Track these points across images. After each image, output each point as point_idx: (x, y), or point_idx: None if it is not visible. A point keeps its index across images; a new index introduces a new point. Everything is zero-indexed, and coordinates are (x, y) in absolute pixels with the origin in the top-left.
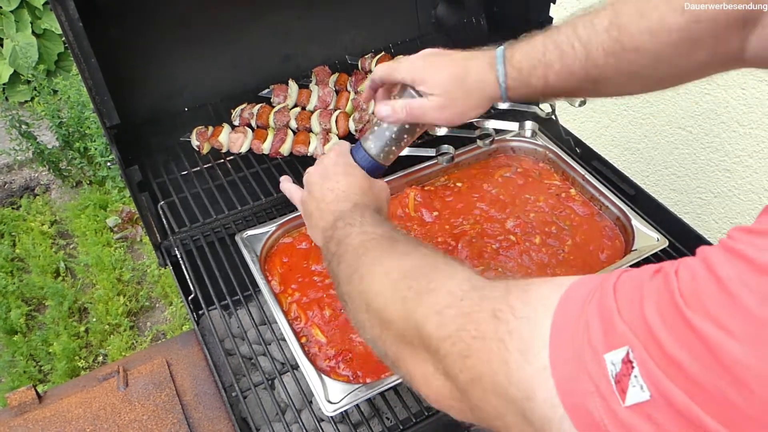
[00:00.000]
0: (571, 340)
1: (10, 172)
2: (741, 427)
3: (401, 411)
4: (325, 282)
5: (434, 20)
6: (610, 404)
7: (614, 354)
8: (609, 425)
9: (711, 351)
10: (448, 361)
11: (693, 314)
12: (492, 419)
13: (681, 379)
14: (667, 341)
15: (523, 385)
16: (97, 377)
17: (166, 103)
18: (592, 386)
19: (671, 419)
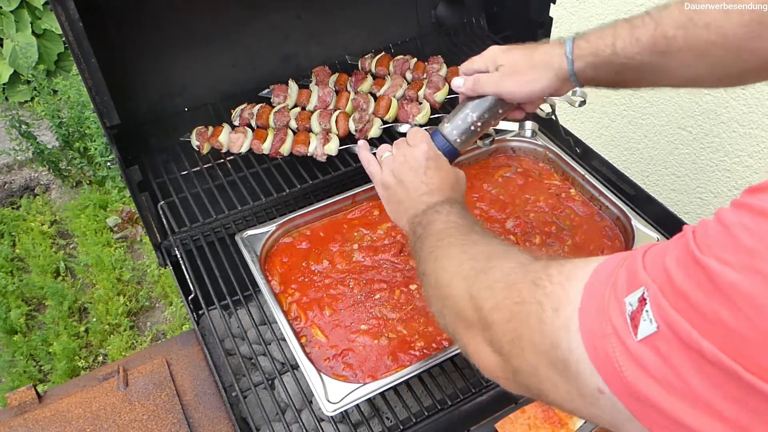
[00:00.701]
0: (599, 297)
1: (10, 172)
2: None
3: (401, 411)
4: (324, 282)
5: (434, 20)
6: (624, 341)
7: (632, 296)
8: (621, 359)
9: (712, 281)
10: (494, 329)
11: (702, 255)
12: (529, 377)
13: (685, 308)
14: (678, 278)
15: (552, 336)
16: (97, 377)
17: (166, 103)
18: (611, 328)
19: (673, 347)
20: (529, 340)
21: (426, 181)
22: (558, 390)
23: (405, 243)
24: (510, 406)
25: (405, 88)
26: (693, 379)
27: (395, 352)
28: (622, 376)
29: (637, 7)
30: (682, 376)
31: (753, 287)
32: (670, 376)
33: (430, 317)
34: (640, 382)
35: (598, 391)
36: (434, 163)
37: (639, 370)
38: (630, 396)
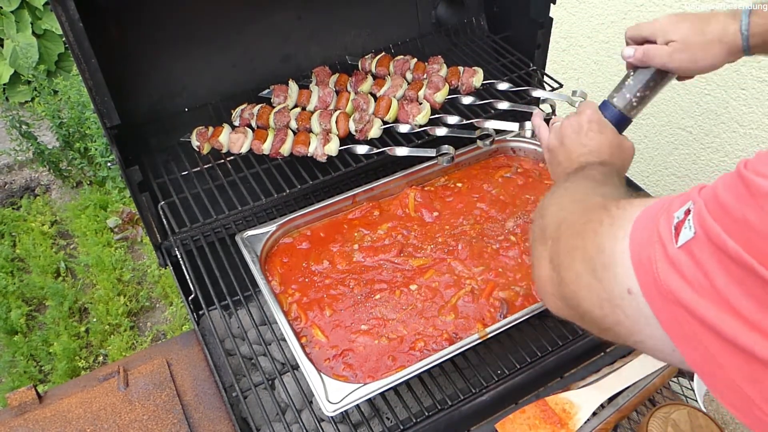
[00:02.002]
0: (653, 215)
1: (11, 173)
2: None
3: (401, 411)
4: (325, 282)
5: (434, 20)
6: (666, 246)
7: (680, 210)
8: (659, 263)
9: (748, 189)
10: (560, 243)
11: (747, 172)
12: (570, 284)
13: (720, 214)
14: (721, 191)
15: (600, 242)
16: (98, 377)
17: (166, 104)
18: (656, 236)
19: (705, 250)
20: (582, 248)
21: (585, 142)
22: (591, 295)
23: (405, 243)
24: (510, 406)
25: (405, 89)
26: (717, 277)
27: (395, 352)
28: (657, 277)
29: (637, 7)
30: (709, 275)
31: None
32: (699, 276)
33: (430, 318)
34: (672, 282)
35: (627, 291)
36: (596, 126)
37: (673, 272)
38: (659, 295)
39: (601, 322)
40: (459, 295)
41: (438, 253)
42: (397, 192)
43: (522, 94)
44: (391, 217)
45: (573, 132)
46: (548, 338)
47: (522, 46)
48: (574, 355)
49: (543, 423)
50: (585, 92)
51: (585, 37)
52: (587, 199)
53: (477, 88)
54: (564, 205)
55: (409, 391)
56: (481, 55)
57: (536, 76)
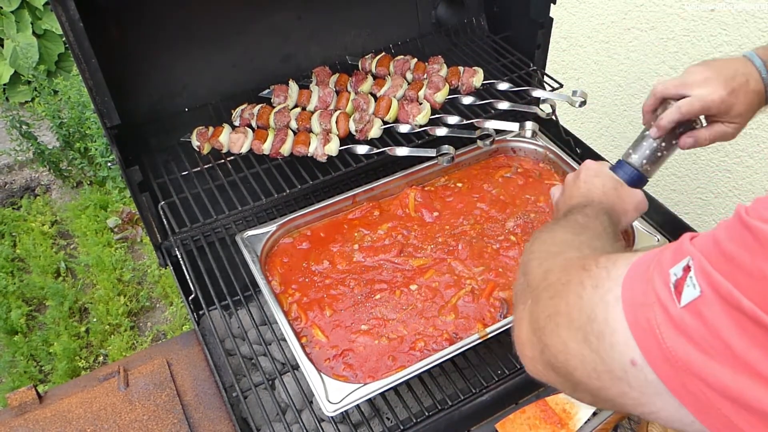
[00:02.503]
0: (643, 271)
1: (11, 173)
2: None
3: (401, 411)
4: (325, 282)
5: (434, 20)
6: (667, 308)
7: (677, 266)
8: (662, 327)
9: (758, 240)
10: (538, 305)
11: (752, 220)
12: (557, 353)
13: (729, 269)
14: (725, 242)
15: (588, 310)
16: (98, 377)
17: (166, 104)
18: (654, 297)
19: (715, 309)
20: (566, 315)
21: (579, 185)
22: (585, 366)
23: (405, 243)
24: (510, 407)
25: (405, 89)
26: (734, 339)
27: (395, 352)
28: (662, 343)
29: (637, 7)
30: (723, 337)
31: None
32: (711, 339)
33: (430, 318)
34: (679, 348)
35: (630, 363)
36: (593, 172)
37: (680, 336)
38: (666, 363)
39: (599, 394)
40: (459, 295)
41: (438, 253)
42: (397, 192)
43: (522, 94)
44: (391, 217)
45: (571, 180)
46: None
47: (522, 46)
48: None
49: (543, 423)
50: (585, 92)
51: (585, 37)
52: (565, 252)
53: (477, 88)
54: (541, 259)
55: (410, 391)
56: (481, 55)
57: (536, 76)
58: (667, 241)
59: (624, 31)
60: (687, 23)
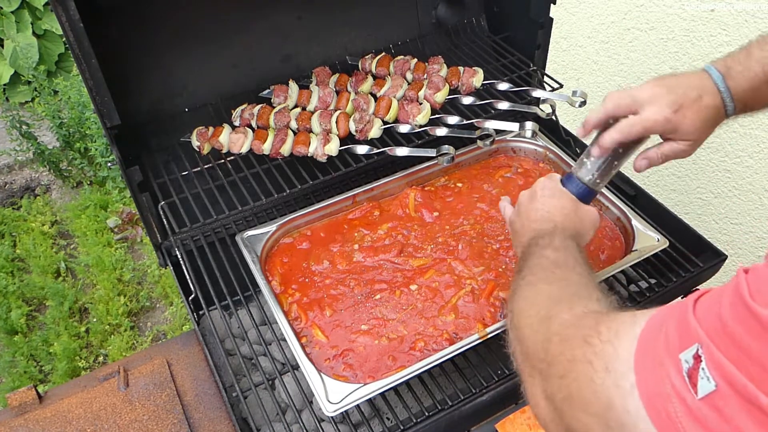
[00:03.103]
0: (652, 353)
1: (11, 173)
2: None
3: (401, 411)
4: (325, 282)
5: (435, 20)
6: (685, 400)
7: (686, 352)
8: (684, 420)
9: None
10: (549, 383)
11: (753, 303)
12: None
13: (740, 358)
14: (732, 327)
15: (605, 397)
16: (98, 377)
17: (166, 104)
18: (670, 387)
19: (733, 404)
20: (581, 399)
21: (537, 207)
22: None
23: (405, 243)
24: (510, 407)
25: (405, 89)
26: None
27: (395, 352)
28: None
29: (637, 7)
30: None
31: None
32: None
33: (430, 318)
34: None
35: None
36: (549, 191)
37: (701, 429)
38: None
39: None
40: (459, 295)
41: (438, 253)
42: (397, 192)
43: (522, 95)
44: (392, 217)
45: (527, 200)
46: None
47: (522, 47)
48: None
49: None
50: (585, 92)
51: (585, 37)
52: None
53: (477, 88)
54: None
55: (410, 391)
56: (481, 56)
57: (536, 76)
58: (667, 241)
59: (624, 31)
60: (687, 23)
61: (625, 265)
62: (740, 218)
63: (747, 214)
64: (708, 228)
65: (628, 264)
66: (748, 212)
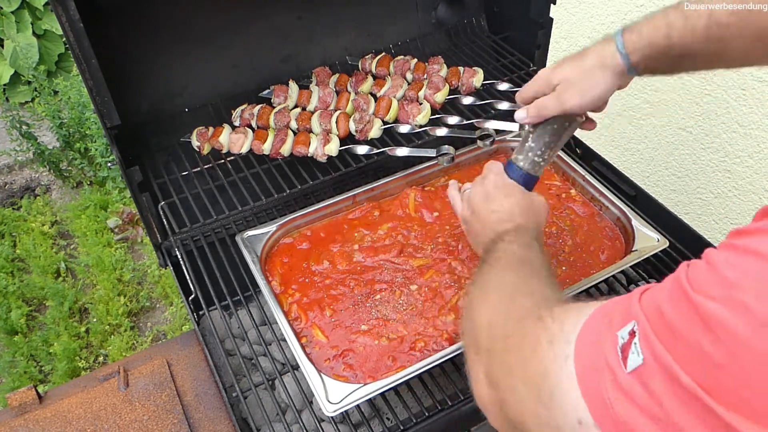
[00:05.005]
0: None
1: (11, 173)
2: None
3: (402, 411)
4: (325, 282)
5: (434, 20)
6: (615, 373)
7: (624, 329)
8: (611, 391)
9: (698, 313)
10: (493, 360)
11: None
12: (514, 408)
13: (670, 340)
14: (668, 312)
15: (543, 366)
16: (98, 377)
17: (166, 104)
18: (603, 361)
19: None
20: (520, 369)
21: (494, 208)
22: (540, 422)
23: (405, 243)
24: None
25: (405, 89)
26: (673, 409)
27: (395, 352)
28: (610, 407)
29: (637, 8)
30: (664, 405)
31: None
32: (654, 406)
33: (430, 318)
34: (626, 412)
35: (578, 422)
36: (503, 192)
37: (626, 401)
38: (613, 425)
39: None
40: (459, 295)
41: (438, 254)
42: (397, 192)
43: None
44: (392, 218)
45: (482, 200)
46: None
47: (522, 47)
48: None
49: None
50: None
51: (585, 38)
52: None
53: (477, 88)
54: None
55: (410, 391)
56: (481, 56)
57: None
58: (668, 241)
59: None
60: None
61: (625, 266)
62: (740, 218)
63: (747, 214)
64: (708, 228)
65: (628, 264)
66: (748, 212)
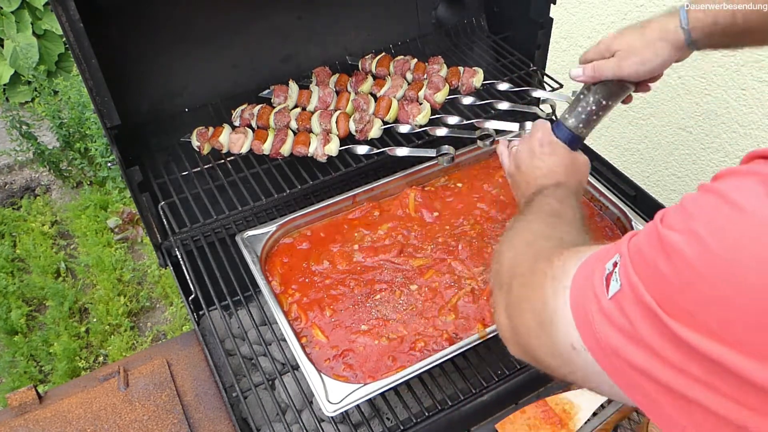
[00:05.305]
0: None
1: (11, 173)
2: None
3: (401, 411)
4: (325, 282)
5: (434, 20)
6: (600, 299)
7: (610, 261)
8: (595, 315)
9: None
10: (511, 294)
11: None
12: (523, 335)
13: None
14: (644, 244)
15: (544, 298)
16: (98, 377)
17: (166, 104)
18: (591, 290)
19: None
20: (530, 301)
21: (538, 165)
22: (542, 347)
23: (405, 243)
24: (510, 407)
25: (405, 89)
26: (639, 325)
27: (395, 352)
28: (595, 330)
29: (637, 8)
30: (633, 324)
31: (685, 245)
32: (628, 326)
33: (430, 318)
34: (607, 333)
35: (571, 347)
36: (549, 149)
37: (607, 324)
38: (599, 347)
39: (556, 371)
40: (459, 296)
41: (438, 254)
42: (397, 192)
43: (522, 95)
44: (392, 218)
45: (527, 156)
46: None
47: (522, 47)
48: None
49: (543, 423)
50: None
51: (585, 38)
52: (538, 241)
53: (477, 88)
54: (517, 248)
55: (410, 391)
56: (481, 56)
57: (536, 76)
58: None
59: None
60: None
61: None
62: None
63: None
64: None
65: None
66: None
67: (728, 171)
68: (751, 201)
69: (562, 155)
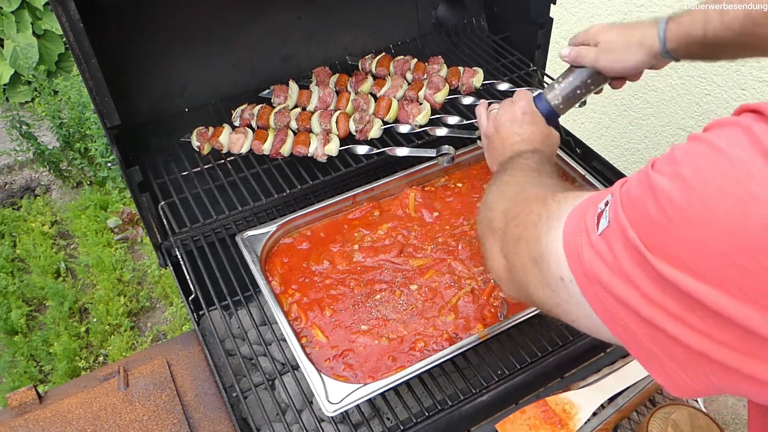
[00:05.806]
0: (583, 208)
1: (11, 173)
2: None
3: (401, 411)
4: (325, 282)
5: (434, 20)
6: (590, 234)
7: (602, 201)
8: (584, 249)
9: (650, 185)
10: (506, 235)
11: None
12: (518, 272)
13: (629, 207)
14: (633, 186)
15: (537, 235)
16: (98, 377)
17: (166, 104)
18: (583, 226)
19: (615, 236)
20: (525, 238)
21: (518, 131)
22: (534, 280)
23: (405, 243)
24: (510, 407)
25: (405, 89)
26: (624, 261)
27: (395, 352)
28: (583, 261)
29: (637, 8)
30: (618, 258)
31: (672, 187)
32: (613, 260)
33: (430, 318)
34: (594, 264)
35: (560, 278)
36: (529, 118)
37: (595, 256)
38: (585, 278)
39: (543, 304)
40: (459, 296)
41: (438, 254)
42: (397, 192)
43: None
44: (392, 218)
45: (508, 121)
46: (548, 338)
47: (522, 47)
48: (575, 355)
49: (543, 423)
50: None
51: None
52: (527, 189)
53: (477, 88)
54: (508, 196)
55: (410, 391)
56: (481, 56)
57: (536, 76)
58: None
59: None
60: None
61: None
62: None
63: None
64: None
65: None
66: None
67: (716, 122)
68: (735, 149)
69: (542, 126)
